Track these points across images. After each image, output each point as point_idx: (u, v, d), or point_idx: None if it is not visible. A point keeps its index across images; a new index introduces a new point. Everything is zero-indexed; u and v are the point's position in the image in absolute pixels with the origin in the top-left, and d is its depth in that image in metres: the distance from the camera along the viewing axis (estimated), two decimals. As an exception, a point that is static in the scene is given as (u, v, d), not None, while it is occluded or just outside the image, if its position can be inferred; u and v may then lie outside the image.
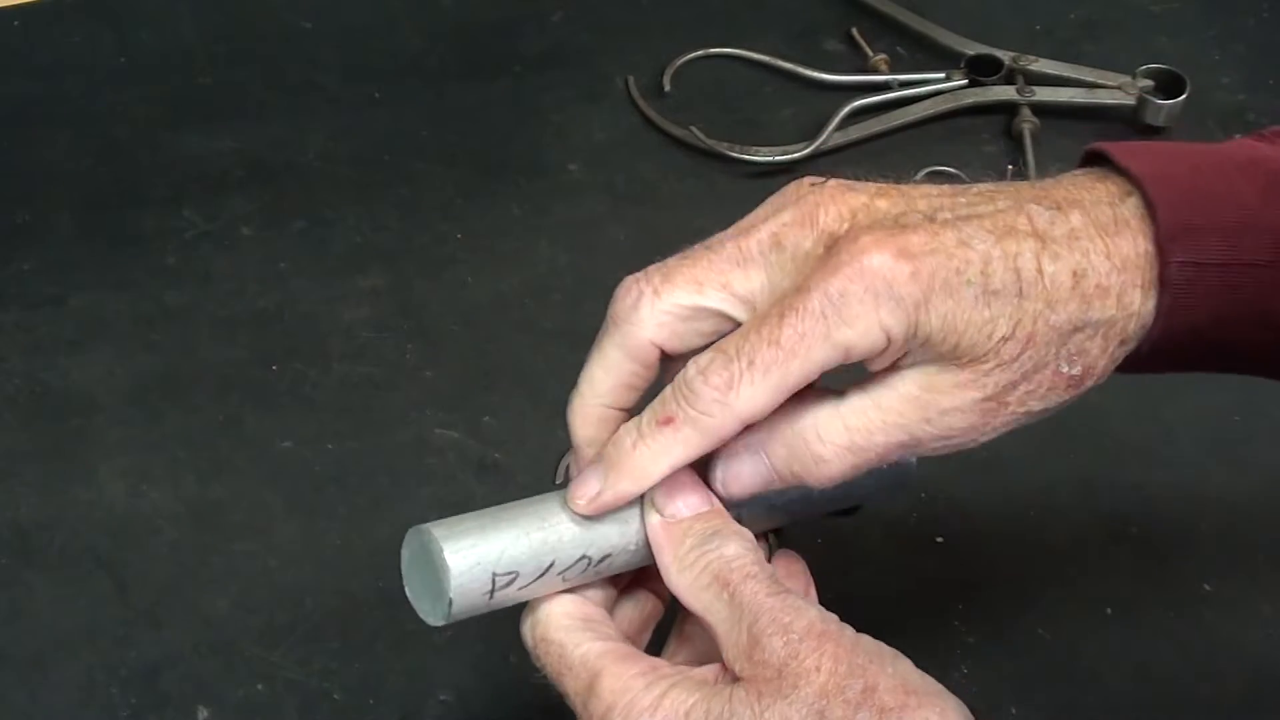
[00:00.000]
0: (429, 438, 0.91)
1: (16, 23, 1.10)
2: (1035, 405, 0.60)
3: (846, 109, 1.07)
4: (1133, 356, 0.62)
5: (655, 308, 0.60)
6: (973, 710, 0.78)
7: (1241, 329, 0.62)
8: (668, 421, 0.58)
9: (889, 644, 0.85)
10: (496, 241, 1.01)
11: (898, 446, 0.60)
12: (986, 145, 1.09)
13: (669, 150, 1.07)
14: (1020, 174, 1.06)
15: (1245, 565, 0.89)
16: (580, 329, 0.97)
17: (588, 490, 0.60)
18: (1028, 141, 1.07)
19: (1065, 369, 0.60)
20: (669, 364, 0.61)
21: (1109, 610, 0.86)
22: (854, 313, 0.56)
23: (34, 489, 0.87)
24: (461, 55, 1.11)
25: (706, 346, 0.59)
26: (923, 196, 0.60)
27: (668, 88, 1.10)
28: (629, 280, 0.61)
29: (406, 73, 1.10)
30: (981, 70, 1.11)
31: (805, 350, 0.57)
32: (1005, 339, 0.58)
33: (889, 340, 0.57)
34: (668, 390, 0.59)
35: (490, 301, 0.98)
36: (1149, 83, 1.10)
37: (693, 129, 1.06)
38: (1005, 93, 1.10)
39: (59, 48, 1.09)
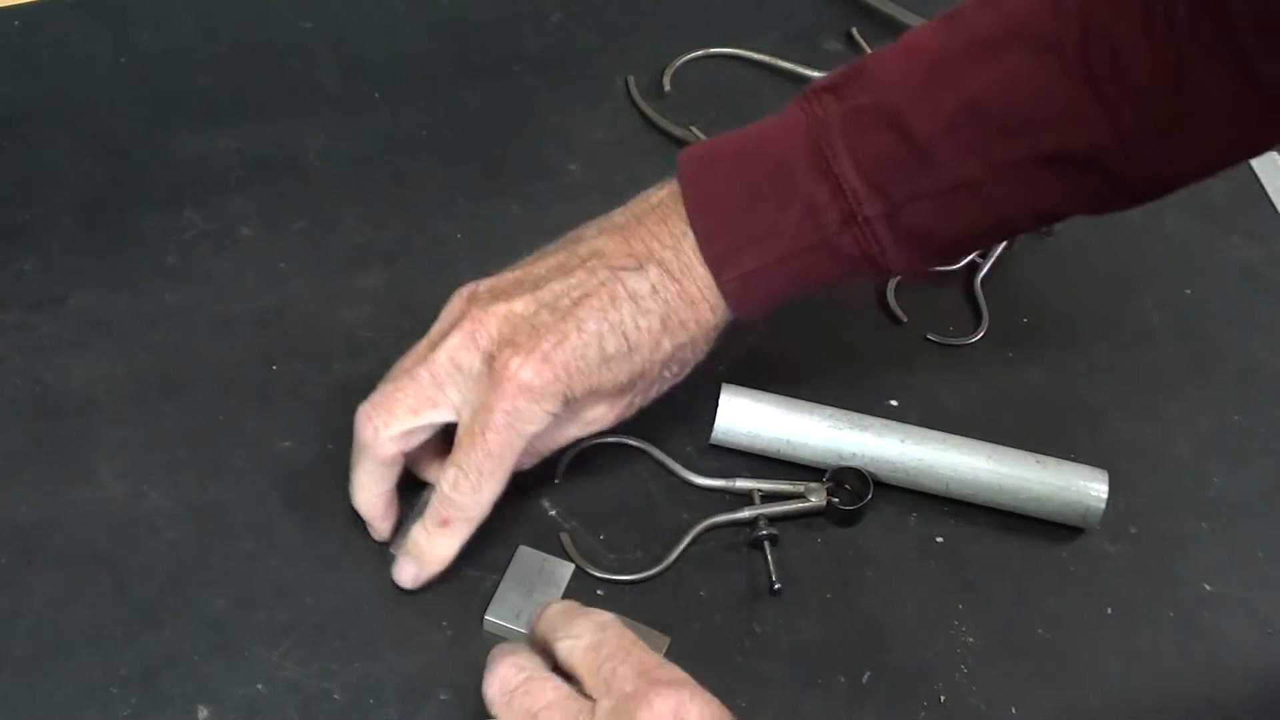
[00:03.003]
0: (429, 438, 0.91)
1: (16, 23, 1.10)
2: (649, 400, 0.86)
3: (846, 109, 1.07)
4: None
5: (387, 434, 0.82)
6: (975, 712, 0.78)
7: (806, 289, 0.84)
8: (445, 522, 0.82)
9: (889, 644, 0.85)
10: (496, 241, 1.01)
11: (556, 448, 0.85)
12: (986, 145, 1.09)
13: (669, 150, 1.06)
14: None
15: (1245, 565, 0.89)
16: (580, 329, 0.97)
17: (407, 575, 0.84)
18: (1028, 141, 1.07)
19: (669, 374, 0.85)
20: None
21: (1109, 610, 0.86)
22: (526, 415, 0.80)
23: (34, 489, 0.87)
24: (461, 55, 1.11)
25: (430, 440, 0.84)
26: (540, 279, 0.82)
27: (668, 88, 1.10)
28: (362, 415, 0.82)
29: (406, 73, 1.10)
30: (981, 70, 1.10)
31: (508, 448, 0.81)
32: (626, 383, 0.82)
33: (555, 416, 0.81)
34: (435, 500, 0.82)
35: (490, 301, 0.97)
36: (1149, 83, 1.09)
37: (693, 129, 1.06)
38: (1005, 93, 1.09)
39: (59, 48, 1.09)
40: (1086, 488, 0.88)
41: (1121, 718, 0.83)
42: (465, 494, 0.81)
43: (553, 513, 0.88)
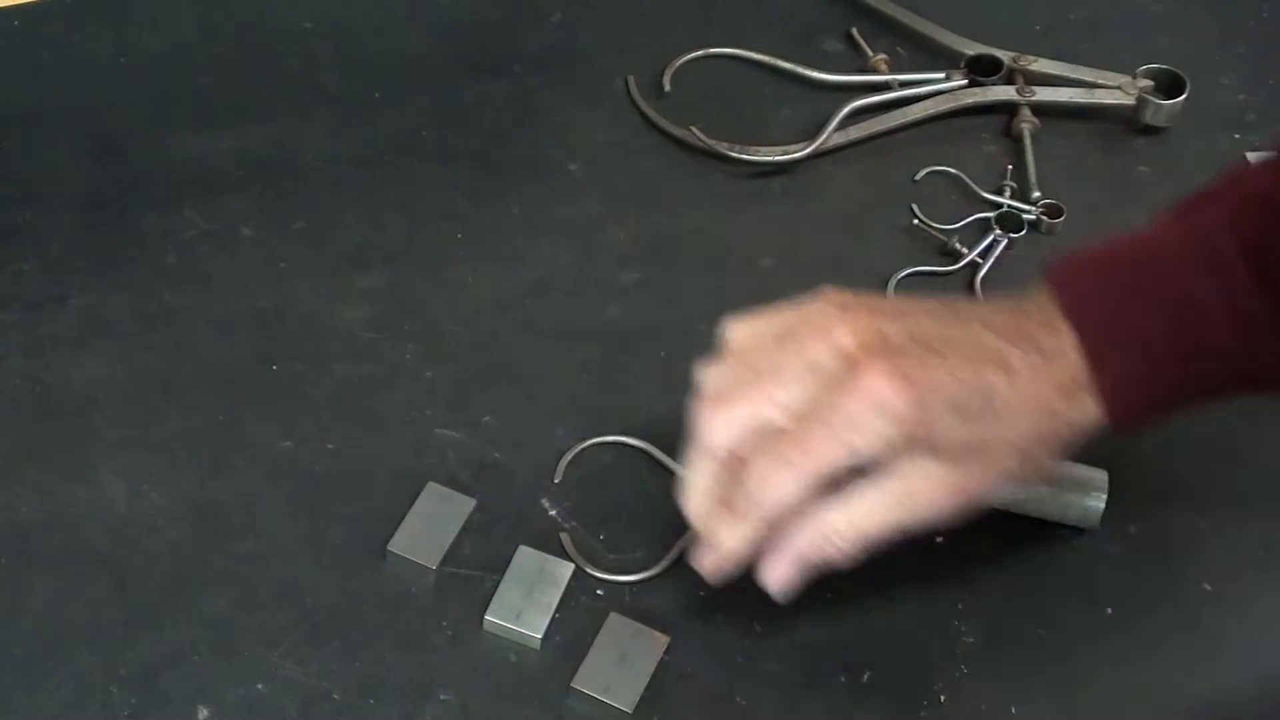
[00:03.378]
0: (429, 438, 0.91)
1: (16, 23, 1.10)
2: (989, 492, 0.79)
3: (846, 109, 1.07)
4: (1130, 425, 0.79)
5: (722, 423, 0.76)
6: (975, 712, 0.78)
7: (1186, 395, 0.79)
8: (741, 514, 0.77)
9: (889, 644, 0.85)
10: (496, 241, 1.01)
11: (891, 529, 0.77)
12: (986, 145, 1.09)
13: (669, 150, 1.07)
14: (1019, 174, 1.06)
15: (1245, 565, 0.89)
16: (580, 329, 0.97)
17: (704, 562, 0.80)
18: (1027, 141, 1.07)
19: (1011, 465, 0.77)
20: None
21: (1109, 610, 0.86)
22: (862, 424, 0.73)
23: (34, 489, 0.87)
24: (461, 55, 1.11)
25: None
26: (918, 318, 0.76)
27: (668, 88, 1.10)
28: (703, 408, 0.78)
29: (406, 73, 1.10)
30: (981, 70, 1.11)
31: (823, 451, 0.74)
32: (971, 447, 0.76)
33: (887, 445, 0.74)
34: (739, 492, 0.76)
35: (490, 301, 0.98)
36: (1149, 83, 1.10)
37: (693, 129, 1.06)
38: (1005, 93, 1.10)
39: (59, 48, 1.09)
40: (1086, 488, 0.88)
41: (1121, 718, 0.83)
42: (764, 486, 0.75)
43: (553, 513, 0.88)
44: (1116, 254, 0.79)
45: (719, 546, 0.78)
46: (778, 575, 0.78)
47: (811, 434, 0.74)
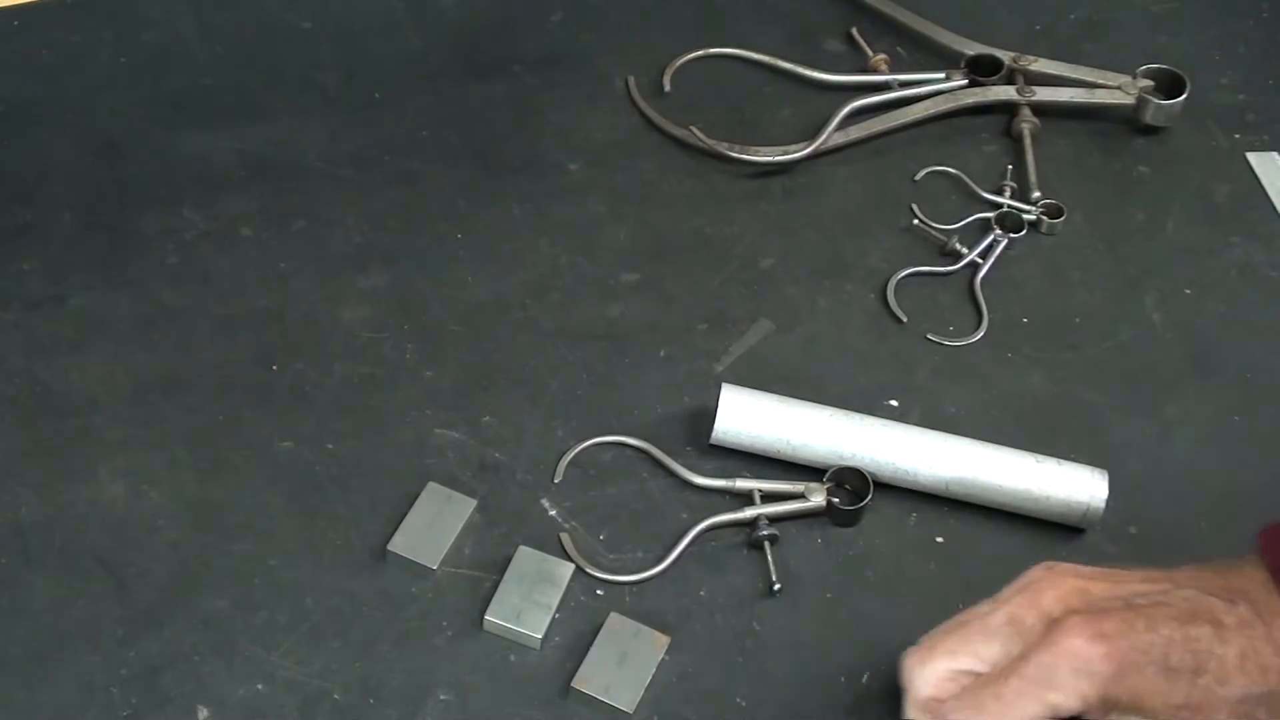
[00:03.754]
0: (429, 438, 0.91)
1: (16, 23, 1.10)
2: None
3: (846, 109, 1.07)
4: None
5: (921, 674, 0.77)
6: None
7: None
8: None
9: (889, 644, 0.85)
10: (496, 241, 1.01)
11: None
12: (986, 145, 1.09)
13: (669, 150, 1.07)
14: (1019, 174, 1.06)
15: (1245, 565, 0.89)
16: (580, 329, 0.97)
17: None
18: (1027, 141, 1.07)
19: None
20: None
21: (1109, 610, 0.86)
22: (1059, 681, 0.73)
23: (34, 489, 0.87)
24: (461, 55, 1.11)
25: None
26: (1129, 581, 0.76)
27: (668, 88, 1.10)
28: (907, 655, 0.78)
29: (406, 73, 1.10)
30: (981, 70, 1.11)
31: (1020, 704, 0.74)
32: (1180, 706, 0.74)
33: (1085, 704, 0.74)
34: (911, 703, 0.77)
35: (490, 301, 0.98)
36: (1149, 83, 1.10)
37: (693, 129, 1.06)
38: (1005, 93, 1.10)
39: (59, 48, 1.09)
40: (1086, 488, 0.88)
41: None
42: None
43: (553, 513, 0.88)
44: None
45: None
46: None
47: (1008, 686, 0.75)
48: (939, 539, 0.89)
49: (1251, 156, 1.09)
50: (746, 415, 0.90)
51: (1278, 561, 0.76)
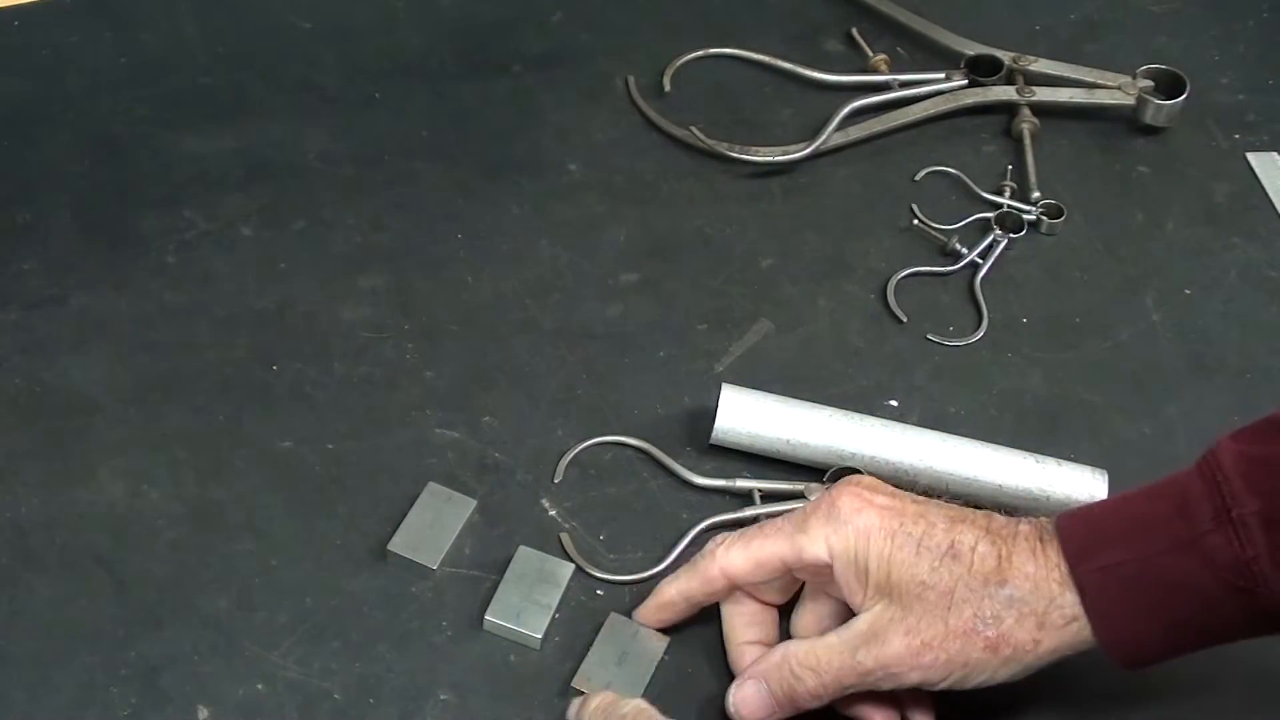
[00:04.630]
0: (429, 438, 0.91)
1: (16, 23, 1.10)
2: (958, 656, 0.76)
3: (846, 109, 1.07)
4: (1130, 656, 0.77)
5: (722, 561, 0.81)
6: (975, 712, 0.78)
7: (1172, 604, 0.75)
8: (686, 571, 0.82)
9: (889, 644, 0.84)
10: (496, 241, 1.01)
11: (857, 675, 0.77)
12: (986, 145, 1.09)
13: (669, 150, 1.07)
14: (1019, 174, 1.06)
15: (1245, 565, 0.89)
16: (580, 329, 0.97)
17: (643, 609, 0.84)
18: (1027, 141, 1.07)
19: (981, 629, 0.76)
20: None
21: (1109, 610, 0.86)
22: (811, 526, 0.78)
23: (34, 489, 0.87)
24: (461, 55, 1.11)
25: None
26: (917, 502, 0.79)
27: (668, 88, 1.10)
28: (711, 544, 0.82)
29: (406, 73, 1.10)
30: (981, 70, 1.11)
31: (772, 539, 0.79)
32: (928, 586, 0.76)
33: (829, 553, 0.78)
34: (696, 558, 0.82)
35: (490, 301, 0.98)
36: (1149, 83, 1.10)
37: (693, 129, 1.06)
38: (1005, 93, 1.10)
39: (59, 48, 1.09)
40: (1086, 488, 0.88)
41: (1121, 717, 0.83)
42: (716, 544, 0.81)
43: (553, 513, 0.88)
44: (1124, 497, 0.79)
45: (658, 594, 0.83)
46: (744, 699, 0.80)
47: (770, 524, 0.80)
48: (939, 539, 0.89)
49: (1251, 156, 1.09)
50: (746, 415, 0.90)
51: (1062, 518, 0.78)
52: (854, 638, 0.77)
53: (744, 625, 0.82)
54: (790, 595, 0.83)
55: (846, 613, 0.80)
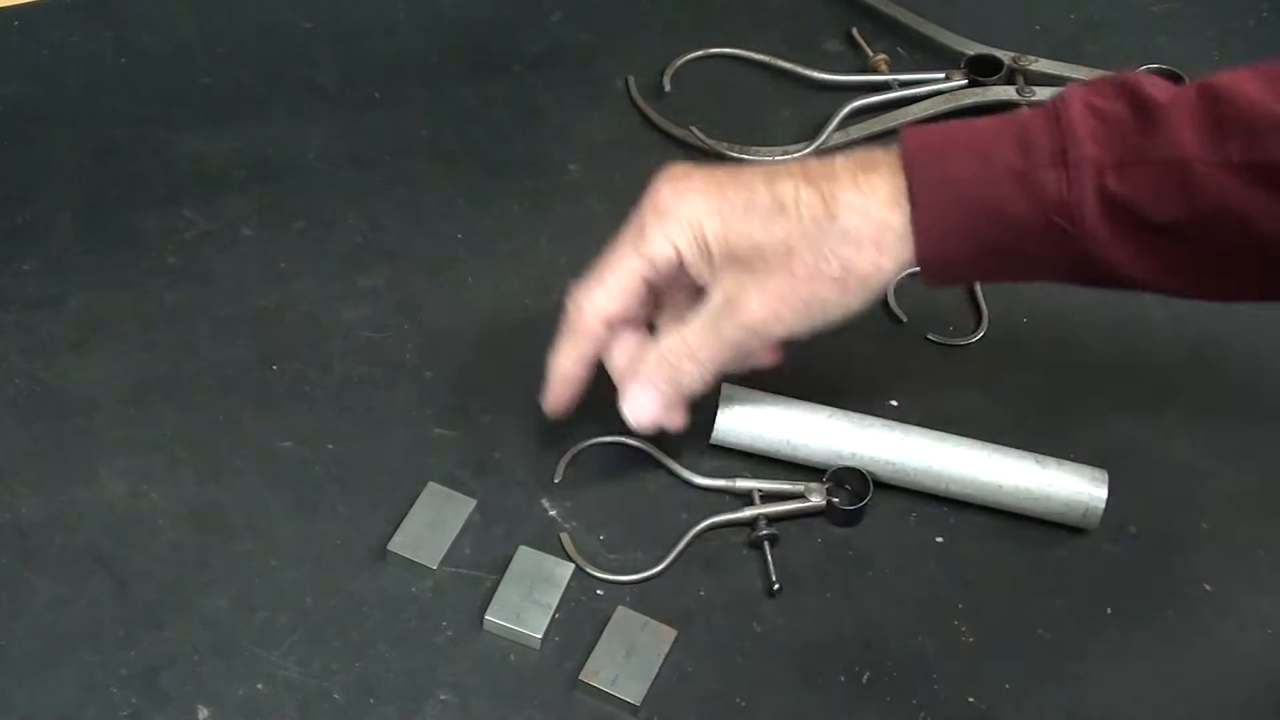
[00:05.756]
0: (429, 438, 0.91)
1: (16, 23, 1.10)
2: (812, 300, 0.80)
3: (846, 109, 1.07)
4: (939, 271, 0.80)
5: (592, 309, 0.84)
6: (975, 712, 0.78)
7: (994, 230, 0.78)
8: (565, 338, 0.85)
9: (889, 644, 0.85)
10: (496, 241, 1.01)
11: (728, 347, 0.81)
12: (986, 145, 1.09)
13: (669, 150, 1.07)
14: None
15: (1245, 565, 0.89)
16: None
17: (547, 398, 0.87)
18: (1028, 141, 1.07)
19: (825, 268, 0.79)
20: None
21: (1109, 610, 0.86)
22: (649, 232, 0.81)
23: (34, 489, 0.87)
24: (461, 55, 1.11)
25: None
26: (730, 171, 0.81)
27: (668, 88, 1.10)
28: (568, 305, 0.85)
29: (406, 73, 1.10)
30: (981, 70, 1.11)
31: (619, 260, 0.82)
32: (765, 244, 0.79)
33: (676, 250, 0.80)
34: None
35: (490, 301, 0.98)
36: (1149, 83, 1.09)
37: (693, 129, 1.06)
38: (1005, 93, 1.10)
39: (59, 48, 1.09)
40: (1086, 488, 0.88)
41: (1121, 718, 0.83)
42: (579, 298, 0.84)
43: (553, 513, 0.88)
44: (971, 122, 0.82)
45: (553, 375, 0.85)
46: (634, 405, 0.84)
47: (612, 249, 0.83)
48: (939, 539, 0.89)
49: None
50: (746, 415, 0.90)
51: (907, 131, 0.80)
52: (714, 313, 0.81)
53: (628, 358, 0.85)
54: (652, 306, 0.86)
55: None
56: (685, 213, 0.80)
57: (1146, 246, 0.78)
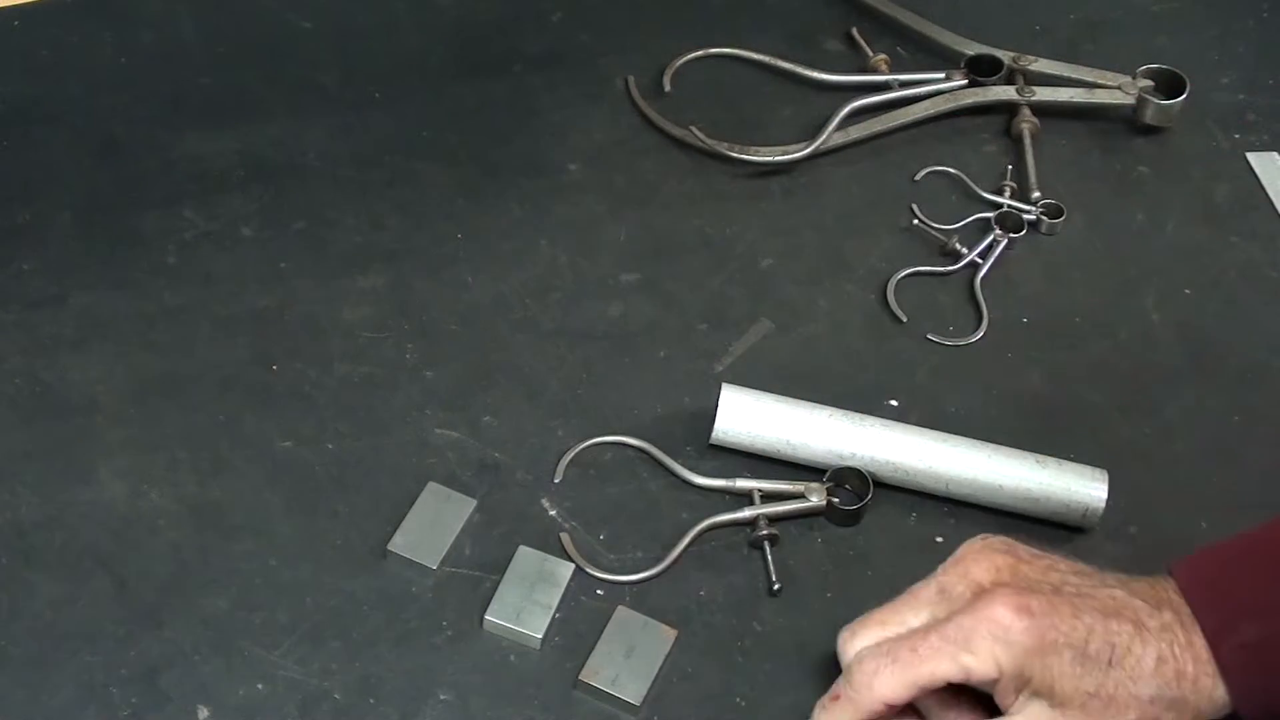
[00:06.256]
0: (429, 438, 0.91)
1: (16, 23, 1.10)
2: None
3: (846, 109, 1.07)
4: None
5: (852, 643, 0.79)
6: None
7: None
8: (835, 698, 0.78)
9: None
10: (496, 241, 1.01)
11: None
12: (986, 145, 1.09)
13: (669, 150, 1.07)
14: (1019, 174, 1.06)
15: (1245, 565, 0.89)
16: (580, 329, 0.97)
17: None
18: (1027, 141, 1.07)
19: None
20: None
21: (1109, 610, 0.86)
22: (977, 645, 0.75)
23: (34, 489, 0.87)
24: (461, 55, 1.11)
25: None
26: (1058, 570, 0.78)
27: (668, 88, 1.10)
28: (844, 628, 0.80)
29: (406, 73, 1.10)
30: (981, 70, 1.11)
31: (934, 660, 0.75)
32: (1091, 695, 0.75)
33: (1000, 671, 0.75)
34: (842, 675, 0.79)
35: (490, 301, 0.98)
36: (1149, 83, 1.10)
37: (693, 129, 1.06)
38: (1005, 93, 1.10)
39: (59, 48, 1.09)
40: (1086, 488, 0.88)
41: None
42: (865, 671, 0.77)
43: (553, 513, 0.88)
44: (1239, 542, 0.79)
45: None
46: None
47: (926, 641, 0.76)
48: (939, 539, 0.89)
49: (1251, 156, 1.09)
50: (746, 415, 0.90)
51: (1188, 580, 0.77)
52: None
53: None
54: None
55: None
56: (1020, 639, 0.74)
57: None
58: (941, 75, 1.11)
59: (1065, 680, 0.75)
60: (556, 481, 0.90)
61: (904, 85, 1.10)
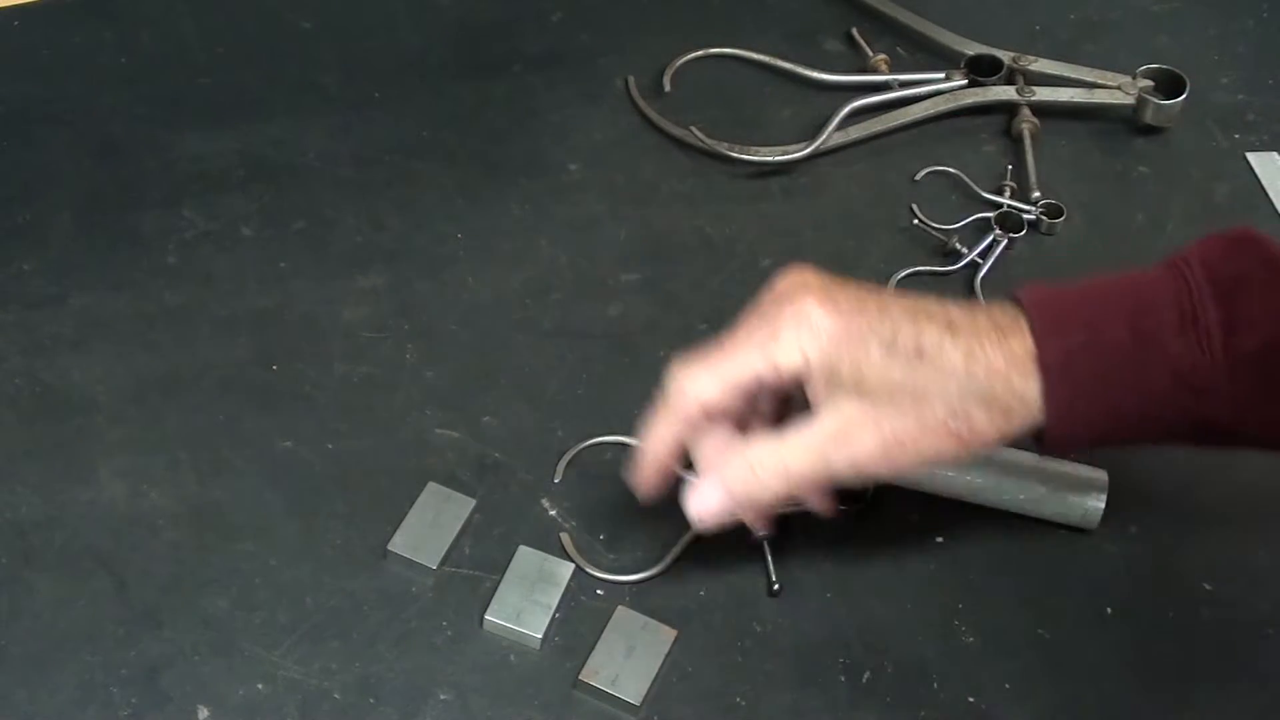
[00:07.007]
0: (429, 438, 0.91)
1: (16, 23, 1.10)
2: (929, 451, 0.76)
3: (846, 109, 1.07)
4: (1060, 444, 0.78)
5: (693, 391, 0.79)
6: (975, 712, 0.78)
7: (1125, 399, 0.76)
8: (660, 415, 0.80)
9: (889, 644, 0.85)
10: (496, 241, 1.01)
11: (826, 474, 0.78)
12: (986, 145, 1.09)
13: (669, 150, 1.07)
14: (1019, 174, 1.06)
15: (1245, 565, 0.89)
16: (580, 329, 0.97)
17: (635, 476, 0.83)
18: (1027, 141, 1.07)
19: (954, 425, 0.76)
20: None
21: (1109, 610, 0.86)
22: (783, 334, 0.76)
23: (34, 489, 0.87)
24: (461, 55, 1.11)
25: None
26: (874, 290, 0.78)
27: (668, 88, 1.10)
28: (669, 379, 0.80)
29: (406, 73, 1.10)
30: (981, 70, 1.11)
31: (742, 354, 0.77)
32: (899, 385, 0.75)
33: (806, 362, 0.76)
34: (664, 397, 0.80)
35: (490, 301, 0.98)
36: (1149, 83, 1.10)
37: (692, 129, 1.06)
38: (1005, 93, 1.10)
39: (59, 48, 1.09)
40: (1086, 488, 0.88)
41: (1121, 718, 0.83)
42: (679, 380, 0.79)
43: (553, 513, 0.88)
44: (1091, 279, 0.79)
45: (644, 458, 0.81)
46: (700, 499, 0.80)
47: (733, 339, 0.78)
48: (939, 539, 0.89)
49: (1251, 156, 1.09)
50: None
51: (1030, 294, 0.77)
52: (823, 438, 0.77)
53: (713, 453, 0.81)
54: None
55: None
56: (825, 328, 0.76)
57: (1273, 397, 0.76)
58: (941, 75, 1.11)
59: (873, 370, 0.75)
60: (556, 481, 0.90)
61: (904, 85, 1.10)
